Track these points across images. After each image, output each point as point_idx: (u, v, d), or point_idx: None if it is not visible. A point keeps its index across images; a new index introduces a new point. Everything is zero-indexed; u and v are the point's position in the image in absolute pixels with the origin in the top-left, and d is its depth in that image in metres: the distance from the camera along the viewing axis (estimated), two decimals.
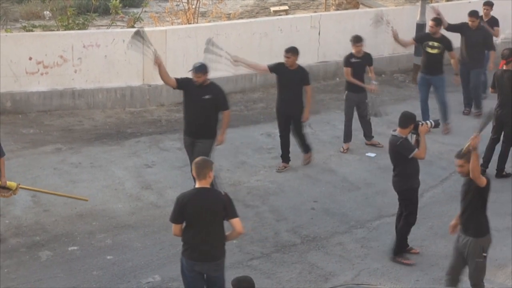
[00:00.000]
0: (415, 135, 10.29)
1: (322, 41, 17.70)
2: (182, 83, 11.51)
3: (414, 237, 10.90)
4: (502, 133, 12.93)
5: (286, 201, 12.02)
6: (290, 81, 12.77)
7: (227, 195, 8.35)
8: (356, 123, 14.04)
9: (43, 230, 10.84)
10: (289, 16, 20.37)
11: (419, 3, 18.05)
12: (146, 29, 16.70)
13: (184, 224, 8.23)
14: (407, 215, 10.33)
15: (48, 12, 20.34)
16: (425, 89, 14.84)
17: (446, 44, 14.57)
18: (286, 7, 22.83)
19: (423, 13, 17.57)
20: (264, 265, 10.19)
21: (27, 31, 17.37)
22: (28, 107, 15.09)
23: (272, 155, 13.58)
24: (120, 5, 18.00)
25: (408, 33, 17.29)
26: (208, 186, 8.22)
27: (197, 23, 19.41)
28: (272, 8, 22.83)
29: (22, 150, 13.48)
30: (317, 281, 9.85)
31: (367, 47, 14.13)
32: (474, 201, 8.91)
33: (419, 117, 13.74)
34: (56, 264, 10.06)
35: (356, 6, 20.93)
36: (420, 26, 17.36)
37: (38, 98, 15.16)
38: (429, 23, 14.88)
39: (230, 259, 10.25)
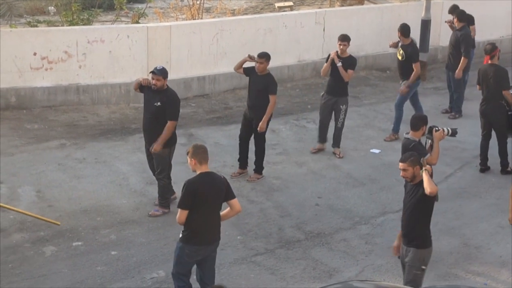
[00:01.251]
0: (430, 140, 10.15)
1: (327, 37, 17.68)
2: (144, 89, 11.19)
3: None
4: (492, 128, 12.86)
5: (290, 197, 12.02)
6: (256, 86, 12.31)
7: (225, 178, 8.69)
8: (359, 120, 14.02)
9: (47, 226, 10.84)
10: (294, 12, 20.36)
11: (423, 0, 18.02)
12: (150, 24, 16.78)
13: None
14: None
15: (52, 7, 20.35)
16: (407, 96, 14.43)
17: (411, 55, 14.12)
18: (290, 3, 22.79)
19: (428, 9, 17.53)
20: (268, 261, 10.19)
21: (31, 26, 17.39)
22: (32, 103, 15.10)
23: (276, 151, 13.57)
24: (125, 0, 18.01)
25: (413, 30, 17.25)
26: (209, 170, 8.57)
27: (201, 19, 19.41)
28: (277, 4, 22.80)
29: (27, 145, 13.49)
30: (321, 277, 9.85)
31: (372, 44, 14.15)
32: (418, 211, 8.61)
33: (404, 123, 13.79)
34: (60, 260, 10.06)
35: (361, 2, 20.89)
36: (425, 22, 17.33)
37: (42, 93, 15.16)
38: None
39: (234, 255, 10.28)
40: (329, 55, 13.26)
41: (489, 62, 12.78)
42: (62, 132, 14.13)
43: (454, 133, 10.42)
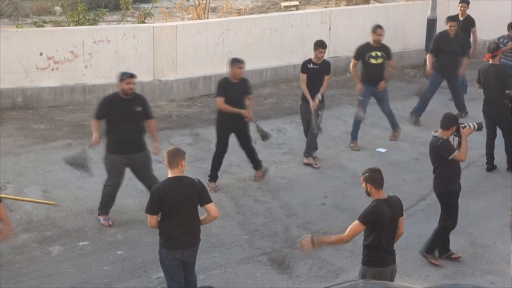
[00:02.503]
0: (457, 138, 10.11)
1: (333, 37, 17.67)
2: (105, 109, 10.77)
3: (425, 233, 10.87)
4: (496, 127, 12.84)
5: (296, 196, 12.01)
6: (240, 93, 11.98)
7: (200, 182, 8.55)
8: (365, 119, 13.99)
9: (53, 225, 10.86)
10: (300, 11, 20.36)
11: None
12: (156, 24, 16.79)
13: (160, 215, 8.39)
14: (445, 218, 10.17)
15: (58, 7, 20.37)
16: (368, 101, 14.00)
17: (387, 53, 13.78)
18: (296, 2, 22.79)
19: (434, 8, 17.51)
20: None
21: (37, 26, 17.41)
22: (39, 103, 15.12)
23: (282, 151, 13.57)
24: (131, 0, 18.03)
25: (420, 28, 17.30)
26: (181, 174, 8.41)
27: (207, 18, 19.42)
28: (283, 4, 22.80)
29: (33, 145, 13.51)
30: (328, 276, 9.84)
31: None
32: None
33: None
34: (66, 259, 10.07)
35: (366, 1, 20.88)
36: (431, 21, 17.30)
37: (48, 93, 15.19)
38: (379, 32, 13.64)
39: (240, 254, 10.28)
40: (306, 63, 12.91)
41: (490, 61, 12.72)
42: (68, 132, 14.15)
43: (480, 127, 10.42)
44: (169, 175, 8.41)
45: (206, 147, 13.30)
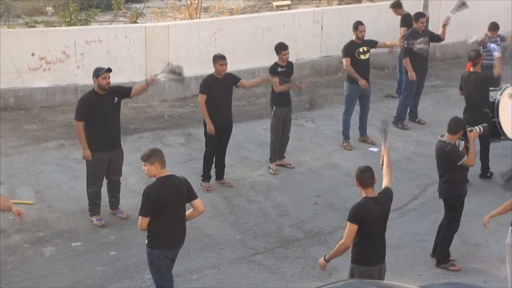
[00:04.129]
0: (464, 142, 10.09)
1: (325, 36, 17.70)
2: (87, 109, 10.75)
3: (417, 232, 10.91)
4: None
5: (289, 196, 12.02)
6: (223, 89, 11.93)
7: (185, 179, 8.68)
8: (357, 118, 14.02)
9: (46, 226, 10.85)
10: (292, 10, 20.39)
11: None
12: (148, 24, 16.78)
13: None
14: (450, 221, 10.13)
15: (50, 8, 20.35)
16: (355, 101, 13.97)
17: (371, 44, 13.88)
18: (288, 2, 22.81)
19: (426, 6, 17.54)
20: (267, 260, 10.19)
21: (29, 27, 17.38)
22: (31, 103, 15.10)
23: None
24: (123, 0, 18.01)
25: None
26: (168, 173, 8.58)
27: (199, 18, 19.41)
28: (275, 3, 22.82)
29: (25, 146, 13.48)
30: (321, 276, 9.84)
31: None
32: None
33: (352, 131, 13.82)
34: (59, 260, 10.06)
35: (358, 1, 20.92)
36: None
37: (41, 94, 15.16)
38: (360, 28, 13.64)
39: (233, 254, 10.28)
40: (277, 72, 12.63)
41: (472, 69, 12.61)
42: (60, 133, 14.13)
43: (485, 130, 10.44)
44: (158, 176, 8.46)
45: (199, 147, 13.29)
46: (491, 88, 12.57)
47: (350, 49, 13.72)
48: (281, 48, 12.65)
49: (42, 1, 21.17)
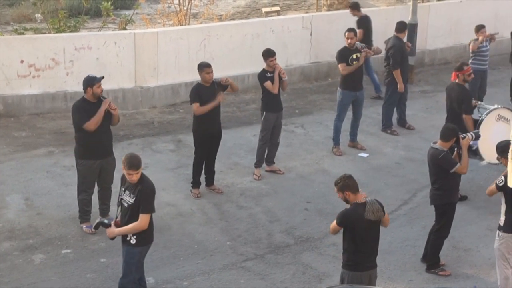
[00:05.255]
0: (456, 149, 10.04)
1: (314, 42, 17.73)
2: (86, 115, 10.66)
3: (407, 237, 10.93)
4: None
5: (279, 202, 12.02)
6: (212, 96, 11.86)
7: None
8: (347, 124, 14.04)
9: (36, 233, 10.82)
10: (281, 17, 20.41)
11: (410, 3, 18.07)
12: (137, 31, 16.77)
13: None
14: (440, 228, 10.12)
15: (39, 15, 20.30)
16: (348, 107, 13.99)
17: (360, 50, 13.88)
18: (277, 8, 22.85)
19: (414, 12, 17.61)
20: (257, 266, 10.19)
21: (18, 34, 17.33)
22: (20, 110, 15.06)
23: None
24: (112, 7, 17.98)
25: None
26: None
27: (188, 24, 19.41)
28: (264, 9, 22.85)
29: (14, 153, 13.44)
30: (311, 281, 9.85)
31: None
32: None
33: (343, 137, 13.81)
34: (49, 267, 10.03)
35: (347, 7, 20.93)
36: (412, 26, 17.36)
37: (30, 101, 15.13)
38: (347, 35, 13.62)
39: (223, 260, 10.27)
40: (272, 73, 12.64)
41: (457, 80, 12.52)
42: (50, 140, 14.10)
43: (477, 136, 10.41)
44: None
45: (189, 154, 13.28)
46: (479, 103, 12.50)
47: (344, 55, 13.75)
48: (268, 54, 12.65)
49: (31, 8, 21.12)
